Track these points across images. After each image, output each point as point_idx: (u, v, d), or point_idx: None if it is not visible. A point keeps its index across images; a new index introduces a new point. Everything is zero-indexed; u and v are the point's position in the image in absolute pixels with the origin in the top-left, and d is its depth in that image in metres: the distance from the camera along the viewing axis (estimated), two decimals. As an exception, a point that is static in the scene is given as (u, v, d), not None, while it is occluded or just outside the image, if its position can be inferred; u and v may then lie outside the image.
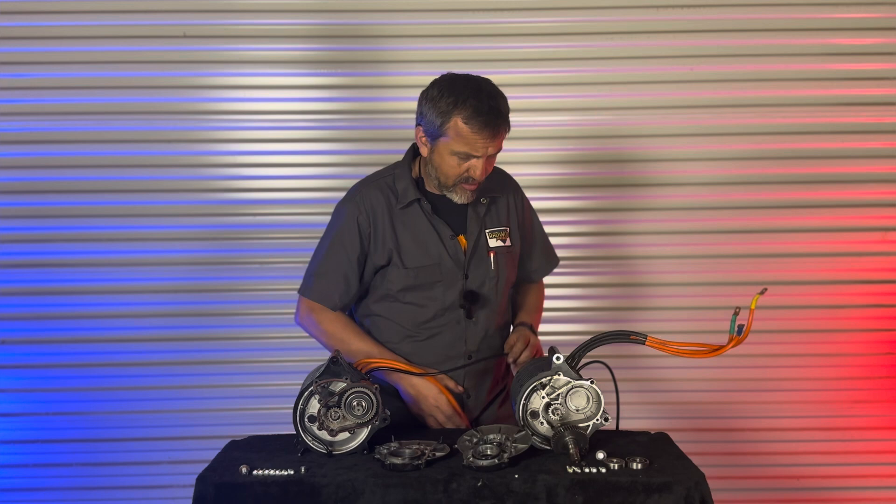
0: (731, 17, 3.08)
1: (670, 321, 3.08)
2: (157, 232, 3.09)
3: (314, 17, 3.08)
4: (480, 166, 1.93)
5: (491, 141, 1.91)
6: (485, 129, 1.89)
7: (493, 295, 2.06)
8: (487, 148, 1.92)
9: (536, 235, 2.24)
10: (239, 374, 3.13)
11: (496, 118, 1.90)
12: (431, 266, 2.02)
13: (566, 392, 1.68)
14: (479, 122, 1.89)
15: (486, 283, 2.05)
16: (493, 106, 1.90)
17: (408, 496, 1.52)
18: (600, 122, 3.11)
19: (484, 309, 2.05)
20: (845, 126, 3.10)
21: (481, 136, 1.90)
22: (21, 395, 3.11)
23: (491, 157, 1.97)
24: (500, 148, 1.97)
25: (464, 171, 1.95)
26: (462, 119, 1.90)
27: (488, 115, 1.89)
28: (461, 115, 1.90)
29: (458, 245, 2.04)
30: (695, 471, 1.58)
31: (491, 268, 2.05)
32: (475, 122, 1.89)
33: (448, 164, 1.95)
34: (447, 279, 2.02)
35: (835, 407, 3.15)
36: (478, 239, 2.06)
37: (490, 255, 2.05)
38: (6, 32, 3.05)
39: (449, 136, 1.92)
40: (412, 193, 2.03)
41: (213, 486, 1.55)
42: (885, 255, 3.13)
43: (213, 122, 3.10)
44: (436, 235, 2.03)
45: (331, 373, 1.71)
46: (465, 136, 1.90)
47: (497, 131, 1.91)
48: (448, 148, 1.93)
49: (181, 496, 2.97)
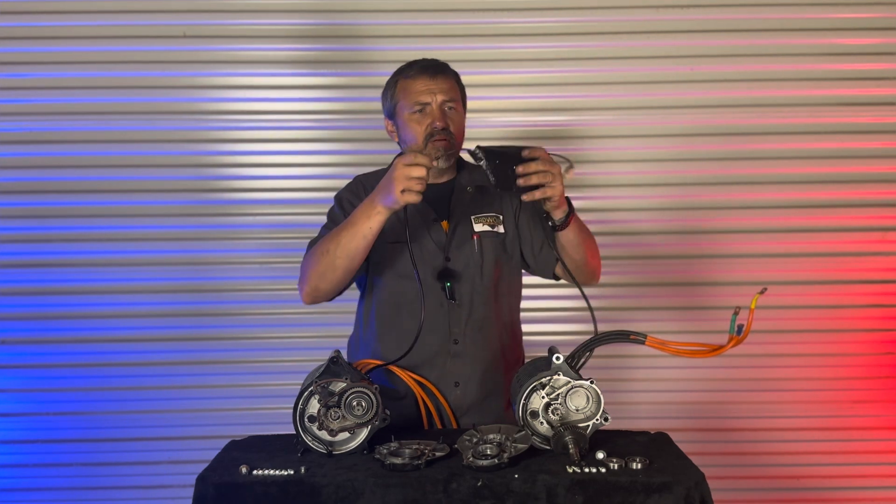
0: (731, 17, 3.08)
1: (670, 321, 3.08)
2: (157, 232, 3.10)
3: (314, 18, 3.09)
4: (437, 112, 1.98)
5: (434, 83, 1.99)
6: (423, 74, 2.00)
7: (478, 278, 2.04)
8: (435, 95, 1.99)
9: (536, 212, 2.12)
10: (239, 374, 3.13)
11: (432, 64, 2.03)
12: (412, 244, 1.97)
13: (566, 392, 1.67)
14: (415, 69, 2.02)
15: (469, 266, 2.03)
16: (426, 60, 2.05)
17: (408, 496, 1.51)
18: (600, 122, 3.11)
19: (467, 291, 2.02)
20: (845, 126, 3.10)
21: (422, 81, 1.99)
22: (21, 395, 3.11)
23: (450, 107, 2.01)
24: (455, 98, 2.02)
25: (426, 125, 1.99)
26: (402, 77, 2.04)
27: (423, 63, 2.03)
28: (401, 75, 2.05)
29: (440, 228, 2.05)
30: (695, 471, 1.58)
31: (475, 250, 2.04)
32: (412, 71, 2.02)
33: (411, 127, 2.01)
34: (427, 260, 2.01)
35: (835, 407, 3.15)
36: (460, 222, 2.06)
37: (474, 238, 2.05)
38: (6, 32, 3.05)
39: (400, 99, 2.03)
40: None
41: (213, 486, 1.55)
42: (885, 255, 3.13)
43: (213, 122, 3.10)
44: (418, 218, 2.04)
45: (331, 373, 1.70)
46: (408, 90, 2.01)
47: (436, 73, 2.01)
48: (403, 112, 2.02)
49: (181, 496, 2.97)
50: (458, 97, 2.05)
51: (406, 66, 2.06)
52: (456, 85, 2.06)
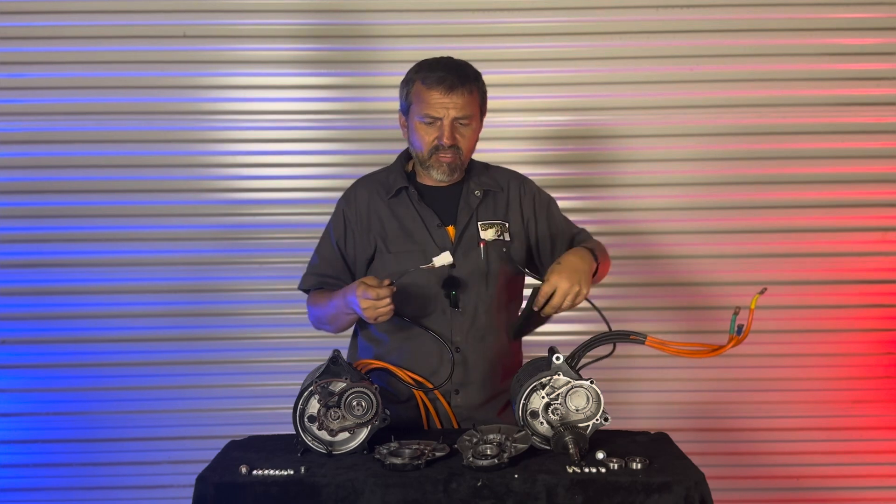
0: (731, 17, 3.08)
1: (670, 321, 3.08)
2: (157, 232, 3.10)
3: (314, 17, 3.09)
4: (446, 130, 1.94)
5: (449, 99, 1.92)
6: (440, 85, 1.92)
7: (483, 286, 2.02)
8: (448, 109, 1.93)
9: (559, 228, 2.15)
10: (239, 374, 3.13)
11: (451, 73, 1.94)
12: (415, 252, 1.99)
13: (566, 392, 1.68)
14: (434, 77, 1.93)
15: (475, 274, 2.01)
16: (451, 64, 1.97)
17: (408, 496, 1.52)
18: (600, 122, 3.11)
19: (471, 299, 2.01)
20: (845, 126, 3.10)
21: (438, 92, 1.92)
22: (21, 395, 3.11)
23: (461, 124, 1.96)
24: (470, 114, 1.96)
25: (433, 138, 1.96)
26: (420, 79, 1.96)
27: (445, 71, 1.94)
28: (419, 76, 1.97)
29: (445, 234, 2.02)
30: (695, 471, 1.58)
31: (480, 258, 2.02)
32: (431, 78, 1.94)
33: (419, 135, 1.98)
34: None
35: (835, 407, 3.15)
36: (467, 229, 2.03)
37: (480, 246, 2.02)
38: (6, 32, 3.05)
39: (413, 102, 1.97)
40: (400, 182, 2.05)
41: (213, 486, 1.55)
42: (885, 255, 3.13)
43: (213, 122, 3.10)
44: (421, 223, 2.02)
45: (331, 373, 1.71)
46: (423, 97, 1.94)
47: (452, 88, 1.92)
48: (415, 116, 1.97)
49: (181, 496, 2.97)
50: (474, 111, 1.98)
51: (427, 65, 1.98)
52: (474, 98, 1.98)
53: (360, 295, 1.81)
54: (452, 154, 1.96)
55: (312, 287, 2.12)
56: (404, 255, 2.00)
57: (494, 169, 2.15)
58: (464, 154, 1.99)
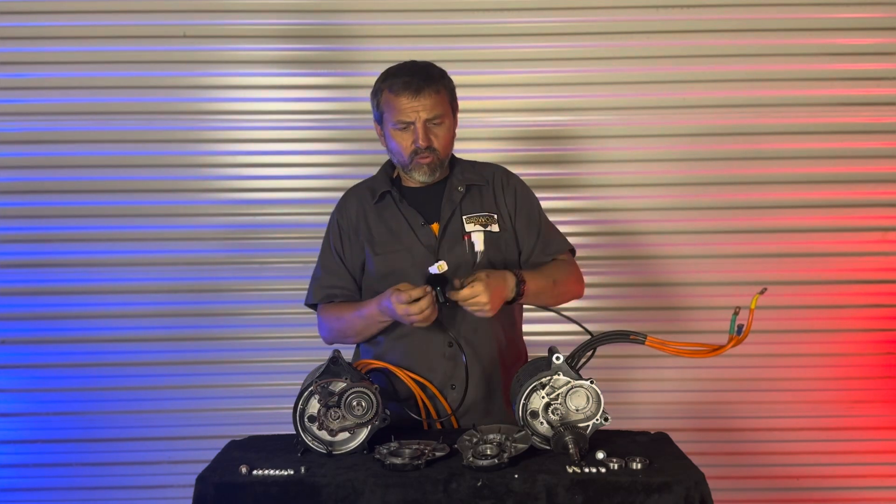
0: (730, 17, 3.08)
1: (670, 321, 3.08)
2: (157, 232, 3.10)
3: (314, 18, 3.09)
4: (420, 133, 1.96)
5: (417, 102, 1.94)
6: (407, 89, 1.94)
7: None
8: (419, 112, 1.95)
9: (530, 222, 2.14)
10: (239, 374, 3.13)
11: (416, 76, 1.95)
12: (402, 251, 2.03)
13: (566, 392, 1.68)
14: (399, 82, 1.95)
15: (461, 267, 2.01)
16: (415, 67, 1.99)
17: (408, 496, 1.52)
18: (600, 122, 3.11)
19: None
20: (845, 126, 3.10)
21: (405, 99, 1.94)
22: (21, 395, 3.11)
23: (434, 125, 1.98)
24: (441, 113, 1.97)
25: (410, 143, 1.98)
26: (387, 87, 1.98)
27: (409, 75, 1.96)
28: (386, 84, 1.99)
29: (430, 232, 2.05)
30: (695, 471, 1.58)
31: (465, 251, 2.03)
32: (397, 84, 1.96)
33: (396, 143, 2.00)
34: (419, 264, 2.00)
35: (835, 407, 3.15)
36: (450, 224, 2.05)
37: (465, 239, 2.04)
38: (6, 32, 3.05)
39: (385, 110, 1.99)
40: (383, 186, 2.09)
41: (213, 486, 1.55)
42: (885, 255, 3.13)
43: (213, 122, 3.10)
44: (406, 224, 2.05)
45: (331, 373, 1.71)
46: (392, 104, 1.97)
47: (419, 91, 1.94)
48: (388, 124, 2.00)
49: (181, 496, 2.97)
50: (445, 110, 2.00)
51: (392, 72, 2.01)
52: (442, 97, 1.99)
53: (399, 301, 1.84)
54: (430, 155, 2.00)
55: (321, 300, 2.12)
56: (391, 256, 2.04)
57: (481, 165, 2.17)
58: (441, 153, 2.02)
